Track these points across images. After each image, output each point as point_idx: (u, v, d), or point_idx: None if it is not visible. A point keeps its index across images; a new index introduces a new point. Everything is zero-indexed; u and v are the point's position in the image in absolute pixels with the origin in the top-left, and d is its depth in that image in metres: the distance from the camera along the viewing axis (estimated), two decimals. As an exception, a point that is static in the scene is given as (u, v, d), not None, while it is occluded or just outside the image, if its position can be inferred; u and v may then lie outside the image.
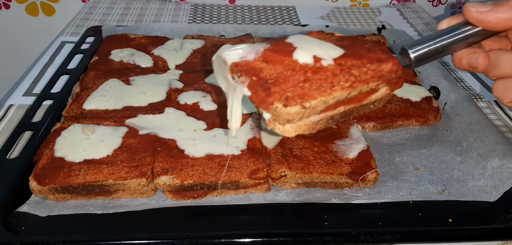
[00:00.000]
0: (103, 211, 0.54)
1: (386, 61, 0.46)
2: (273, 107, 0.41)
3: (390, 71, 0.46)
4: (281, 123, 0.42)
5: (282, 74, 0.43)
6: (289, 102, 0.41)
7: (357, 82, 0.44)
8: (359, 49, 0.48)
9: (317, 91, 0.42)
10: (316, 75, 0.43)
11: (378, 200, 0.56)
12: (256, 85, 0.42)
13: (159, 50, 0.88)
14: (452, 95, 0.76)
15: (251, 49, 0.46)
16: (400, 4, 1.38)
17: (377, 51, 0.48)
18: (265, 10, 1.31)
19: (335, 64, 0.45)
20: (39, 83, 0.83)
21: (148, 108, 0.70)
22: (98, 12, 1.22)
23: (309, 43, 0.47)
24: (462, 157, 0.65)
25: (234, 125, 0.48)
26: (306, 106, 0.41)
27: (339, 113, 0.46)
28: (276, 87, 0.41)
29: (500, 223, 0.54)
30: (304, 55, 0.45)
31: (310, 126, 0.44)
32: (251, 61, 0.44)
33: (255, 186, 0.57)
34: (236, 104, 0.46)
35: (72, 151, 0.58)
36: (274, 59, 0.45)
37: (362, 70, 0.45)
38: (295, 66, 0.44)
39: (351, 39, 0.51)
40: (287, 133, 0.43)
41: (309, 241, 0.50)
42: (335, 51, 0.46)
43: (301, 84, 0.42)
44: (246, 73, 0.43)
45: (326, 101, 0.43)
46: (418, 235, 0.52)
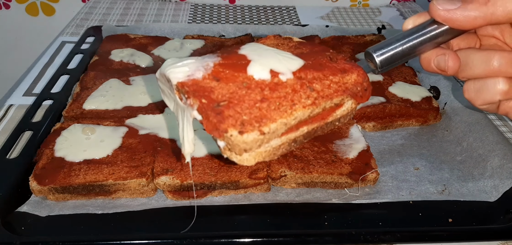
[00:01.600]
0: (103, 211, 0.54)
1: (350, 71, 0.43)
2: (228, 135, 0.36)
3: (355, 83, 0.42)
4: (237, 152, 0.37)
5: (236, 94, 0.38)
6: (246, 128, 0.36)
7: (320, 98, 0.40)
8: (320, 58, 0.44)
9: (277, 111, 0.38)
10: (274, 93, 0.39)
11: (378, 200, 0.56)
12: (206, 108, 0.37)
13: (159, 50, 0.88)
14: (452, 95, 0.76)
15: (198, 64, 0.41)
16: (400, 4, 1.38)
17: (340, 60, 0.44)
18: (265, 10, 1.31)
19: (295, 78, 0.41)
20: (39, 83, 0.83)
21: (148, 108, 0.70)
22: (98, 12, 1.22)
23: (264, 55, 0.42)
24: (462, 157, 0.65)
25: (187, 150, 0.43)
26: (265, 132, 0.36)
27: (302, 134, 0.41)
28: (230, 110, 0.37)
29: (500, 223, 0.54)
30: (260, 70, 0.40)
31: (270, 152, 0.39)
32: (199, 80, 0.39)
33: (255, 186, 0.57)
34: (187, 127, 0.41)
35: (72, 151, 0.58)
36: (226, 76, 0.40)
37: (324, 84, 0.41)
38: (250, 83, 0.39)
39: (310, 46, 0.47)
40: (245, 162, 0.38)
41: (309, 241, 0.50)
42: (294, 62, 0.42)
43: (258, 104, 0.38)
44: (195, 94, 0.38)
45: (287, 122, 0.38)
46: (418, 235, 0.52)
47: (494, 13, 0.38)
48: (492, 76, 0.41)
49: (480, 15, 0.39)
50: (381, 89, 0.77)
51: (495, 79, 0.41)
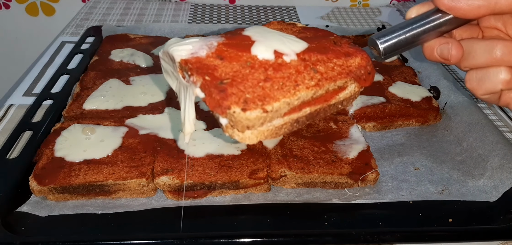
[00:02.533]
0: (103, 211, 0.53)
1: (354, 55, 0.43)
2: (231, 111, 0.36)
3: (358, 66, 0.42)
4: (240, 129, 0.37)
5: (239, 73, 0.38)
6: (249, 105, 0.36)
7: (323, 80, 0.40)
8: (324, 41, 0.44)
9: (280, 91, 0.38)
10: (278, 73, 0.39)
11: (378, 200, 0.56)
12: (210, 86, 0.37)
13: (159, 50, 0.88)
14: (452, 95, 0.76)
15: (202, 43, 0.41)
16: (400, 4, 1.38)
17: (344, 43, 0.44)
18: (265, 10, 1.31)
19: (299, 59, 0.41)
20: (39, 83, 0.83)
21: (148, 108, 0.70)
22: (98, 12, 1.22)
23: (269, 36, 0.42)
24: (462, 157, 0.65)
25: (188, 130, 0.43)
26: (268, 110, 0.37)
27: (305, 115, 0.41)
28: (233, 88, 0.37)
29: (500, 223, 0.54)
30: (264, 50, 0.40)
31: (273, 131, 0.39)
32: (203, 58, 0.39)
33: (255, 186, 0.57)
34: (189, 106, 0.41)
35: (72, 151, 0.58)
36: (229, 55, 0.40)
37: (328, 66, 0.41)
38: (254, 63, 0.39)
39: (314, 31, 0.47)
40: (247, 140, 0.38)
41: (309, 241, 0.50)
42: (298, 44, 0.42)
43: (261, 83, 0.38)
44: (198, 71, 0.38)
45: (290, 102, 0.38)
46: (418, 235, 0.52)
47: (498, 2, 0.38)
48: (494, 65, 0.41)
49: (484, 4, 0.39)
50: (381, 89, 0.77)
51: (498, 68, 0.41)
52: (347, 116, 0.70)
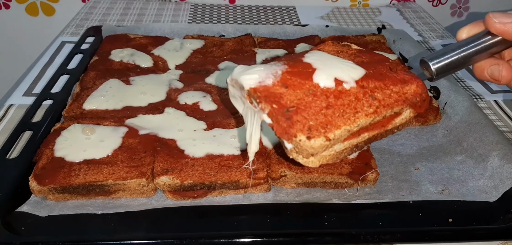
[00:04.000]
0: (103, 211, 0.53)
1: (410, 82, 0.44)
2: (297, 139, 0.38)
3: (414, 93, 0.44)
4: (305, 156, 0.40)
5: (303, 100, 0.41)
6: (313, 133, 0.38)
7: (381, 107, 0.42)
8: (380, 68, 0.45)
9: (341, 118, 0.40)
10: (338, 100, 0.41)
11: (378, 200, 0.56)
12: (277, 113, 0.40)
13: (159, 50, 0.88)
14: (452, 95, 0.76)
15: (268, 72, 0.43)
16: (400, 4, 1.38)
17: (400, 70, 0.45)
18: (265, 10, 1.31)
19: (358, 86, 0.43)
20: (39, 83, 0.83)
21: (148, 108, 0.70)
22: (98, 12, 1.22)
23: (328, 63, 0.44)
24: (462, 157, 0.65)
25: (253, 150, 0.46)
26: (330, 138, 0.39)
27: (363, 140, 0.43)
28: (298, 116, 0.39)
29: (500, 223, 0.54)
30: (325, 78, 0.42)
31: (334, 156, 0.42)
32: (270, 86, 0.42)
33: (255, 186, 0.57)
34: (256, 129, 0.44)
35: (72, 151, 0.58)
36: (293, 83, 0.42)
37: (385, 93, 0.43)
38: (316, 91, 0.42)
39: (370, 55, 0.48)
40: (311, 164, 0.41)
41: (309, 241, 0.50)
42: (356, 71, 0.44)
43: (323, 110, 0.40)
44: (266, 100, 0.41)
45: (350, 129, 0.40)
46: (418, 235, 0.52)
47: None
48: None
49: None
50: (381, 89, 0.77)
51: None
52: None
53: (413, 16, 1.28)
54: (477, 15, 1.48)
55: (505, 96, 0.85)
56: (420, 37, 1.13)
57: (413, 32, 1.16)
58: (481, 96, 0.85)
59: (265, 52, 0.89)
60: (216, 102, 0.72)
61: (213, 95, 0.74)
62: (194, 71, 0.83)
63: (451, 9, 1.47)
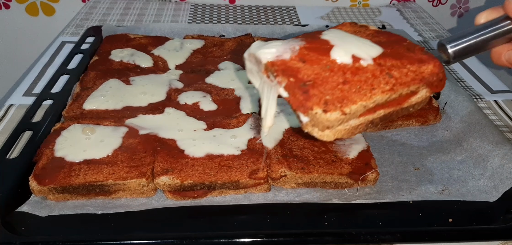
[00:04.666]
0: (103, 211, 0.53)
1: (427, 62, 0.44)
2: (313, 112, 0.39)
3: (431, 73, 0.44)
4: (320, 129, 0.40)
5: (320, 75, 0.41)
6: (329, 107, 0.39)
7: (397, 85, 0.42)
8: (397, 47, 0.46)
9: (357, 94, 0.40)
10: (355, 77, 0.41)
11: (378, 200, 0.56)
12: (294, 87, 0.40)
13: (159, 50, 0.88)
14: (452, 95, 0.76)
15: (286, 47, 0.44)
16: (400, 4, 1.38)
17: (417, 50, 0.45)
18: (265, 10, 1.31)
19: (375, 64, 0.43)
20: (39, 83, 0.83)
21: (148, 108, 0.70)
22: (98, 12, 1.22)
23: (346, 40, 0.45)
24: (462, 157, 0.65)
25: (268, 124, 0.47)
26: (346, 112, 0.40)
27: (379, 117, 0.44)
28: (315, 90, 0.40)
29: (500, 223, 0.54)
30: (343, 54, 0.42)
31: (349, 130, 0.42)
32: (287, 60, 0.42)
33: (255, 186, 0.57)
34: (272, 103, 0.44)
35: (72, 151, 0.58)
36: (311, 58, 0.42)
37: (402, 72, 0.43)
38: (333, 66, 0.42)
39: (387, 35, 0.48)
40: (325, 137, 0.41)
41: (309, 241, 0.50)
42: (374, 49, 0.44)
43: (340, 86, 0.40)
44: (283, 73, 0.41)
45: (366, 105, 0.41)
46: (418, 235, 0.52)
47: None
48: None
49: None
50: (381, 89, 0.77)
51: None
52: (347, 116, 0.70)
53: (413, 16, 1.28)
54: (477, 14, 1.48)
55: (505, 96, 0.85)
56: (420, 37, 1.13)
57: (413, 32, 1.16)
58: (481, 96, 0.85)
59: (265, 52, 0.89)
60: (216, 102, 0.72)
61: (213, 95, 0.74)
62: (194, 71, 0.83)
63: (451, 9, 1.47)
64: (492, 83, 0.90)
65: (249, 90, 0.75)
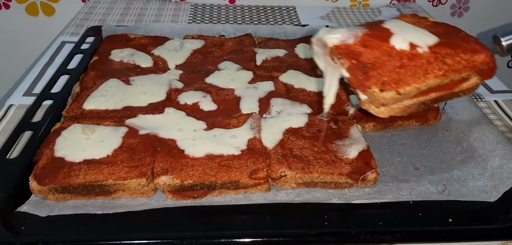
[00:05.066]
0: (103, 211, 0.54)
1: (479, 52, 0.48)
2: (371, 91, 0.44)
3: (482, 62, 0.48)
4: (376, 106, 0.46)
5: (379, 59, 0.46)
6: (385, 87, 0.44)
7: (450, 71, 0.46)
8: (453, 37, 0.49)
9: (412, 77, 0.45)
10: (411, 62, 0.46)
11: (378, 200, 0.56)
12: (355, 68, 0.45)
13: (159, 50, 0.88)
14: (452, 95, 0.76)
15: (350, 33, 0.48)
16: (400, 4, 1.38)
17: (471, 40, 0.48)
18: (265, 10, 1.31)
19: (430, 52, 0.47)
20: (39, 83, 0.83)
21: (148, 108, 0.70)
22: (98, 12, 1.22)
23: (406, 29, 0.49)
24: (462, 157, 0.65)
25: (329, 101, 0.52)
26: (401, 92, 0.44)
27: (430, 99, 0.48)
28: (374, 72, 0.45)
29: (500, 223, 0.54)
30: (401, 41, 0.47)
31: (402, 109, 0.47)
32: (350, 45, 0.47)
33: (255, 186, 0.57)
34: (334, 82, 0.50)
35: (72, 151, 0.58)
36: (372, 44, 0.47)
37: (455, 59, 0.47)
38: (392, 52, 0.47)
39: (445, 26, 0.51)
40: (381, 114, 0.46)
41: (309, 241, 0.50)
42: (430, 38, 0.48)
43: (396, 69, 0.45)
44: (346, 56, 0.46)
45: (419, 87, 0.45)
46: (418, 235, 0.52)
47: None
48: None
49: None
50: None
51: None
52: (347, 116, 0.70)
53: (413, 16, 1.28)
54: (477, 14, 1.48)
55: (505, 96, 0.85)
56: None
57: (413, 32, 1.16)
58: (481, 96, 0.85)
59: (265, 52, 0.89)
60: (216, 102, 0.72)
61: (213, 95, 0.74)
62: (194, 71, 0.83)
63: (451, 9, 1.47)
64: (492, 83, 0.90)
65: (249, 90, 0.75)
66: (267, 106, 0.71)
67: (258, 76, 0.81)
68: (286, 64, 0.86)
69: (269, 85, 0.77)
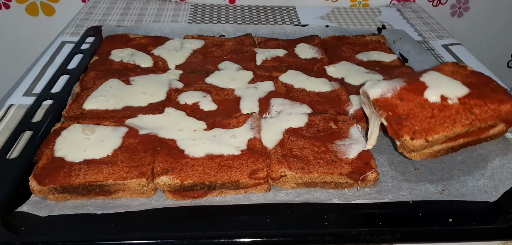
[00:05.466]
0: (103, 211, 0.53)
1: (506, 102, 0.53)
2: (403, 139, 0.51)
3: (508, 111, 0.53)
4: (407, 151, 0.52)
5: (412, 110, 0.52)
6: (416, 136, 0.50)
7: (476, 120, 0.52)
8: (483, 88, 0.55)
9: (441, 126, 0.51)
10: (441, 113, 0.52)
11: (378, 200, 0.56)
12: (391, 119, 0.52)
13: (159, 50, 0.88)
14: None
15: (389, 87, 0.55)
16: (400, 4, 1.38)
17: (500, 91, 0.54)
18: (265, 10, 1.31)
19: (460, 103, 0.53)
20: (39, 83, 0.83)
21: (148, 108, 0.70)
22: (98, 12, 1.22)
23: (439, 83, 0.55)
24: (462, 157, 0.65)
25: (371, 143, 0.59)
26: (429, 140, 0.50)
27: (458, 144, 0.54)
28: (407, 122, 0.51)
29: (500, 223, 0.54)
30: (433, 95, 0.53)
31: (432, 153, 0.53)
32: (388, 98, 0.54)
33: (255, 186, 0.57)
34: (376, 128, 0.58)
35: (72, 151, 0.58)
36: (407, 97, 0.54)
37: (483, 109, 0.53)
38: (424, 104, 0.53)
39: (479, 77, 0.58)
40: (413, 157, 0.53)
41: (309, 241, 0.50)
42: (461, 91, 0.54)
43: (427, 119, 0.51)
44: (384, 108, 0.53)
45: (447, 135, 0.51)
46: (418, 235, 0.52)
47: None
48: None
49: None
50: (381, 89, 0.77)
51: None
52: (347, 116, 0.70)
53: (413, 16, 1.28)
54: (477, 14, 1.48)
55: (505, 96, 0.85)
56: (420, 37, 1.13)
57: (413, 32, 1.16)
58: (481, 96, 0.85)
59: (265, 52, 0.89)
60: (216, 102, 0.72)
61: (213, 95, 0.74)
62: (194, 71, 0.83)
63: (451, 9, 1.47)
64: (492, 83, 0.90)
65: (249, 90, 0.75)
66: (267, 106, 0.71)
67: (258, 76, 0.81)
68: (286, 64, 0.86)
69: (269, 85, 0.77)
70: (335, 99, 0.74)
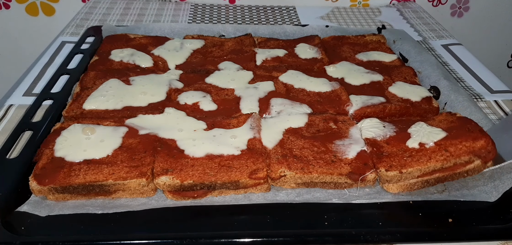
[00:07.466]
0: (103, 211, 0.53)
1: (479, 138, 0.57)
2: (379, 170, 0.56)
3: (481, 147, 0.57)
4: (383, 182, 0.57)
5: (394, 152, 0.58)
6: (391, 168, 0.56)
7: (451, 157, 0.56)
8: (460, 130, 0.60)
9: (416, 162, 0.56)
10: (418, 153, 0.57)
11: (378, 200, 0.56)
12: (373, 153, 0.59)
13: (159, 50, 0.88)
14: (452, 95, 0.76)
15: (381, 134, 0.62)
16: (400, 4, 1.38)
17: (477, 131, 0.59)
18: (265, 10, 1.31)
19: (436, 145, 0.58)
20: (39, 83, 0.83)
21: (148, 108, 0.70)
22: (98, 12, 1.22)
23: (420, 133, 0.61)
24: (462, 157, 0.65)
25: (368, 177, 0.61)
26: (403, 172, 0.55)
27: (434, 178, 0.57)
28: (388, 159, 0.57)
29: (500, 223, 0.54)
30: (412, 143, 0.59)
31: (408, 186, 0.57)
32: (377, 141, 0.61)
33: (255, 186, 0.57)
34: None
35: (72, 151, 0.58)
36: (392, 142, 0.61)
37: (457, 147, 0.57)
38: (406, 148, 0.59)
39: (462, 121, 0.62)
40: (389, 189, 0.57)
41: (309, 241, 0.50)
42: (438, 136, 0.60)
43: (405, 158, 0.57)
44: (371, 145, 0.60)
45: (421, 169, 0.56)
46: (418, 235, 0.52)
47: None
48: None
49: None
50: (381, 89, 0.77)
51: None
52: (347, 116, 0.70)
53: (413, 16, 1.28)
54: (477, 14, 1.48)
55: (505, 96, 0.85)
56: (420, 37, 1.13)
57: (413, 32, 1.16)
58: (481, 96, 0.85)
59: (265, 52, 0.89)
60: (216, 102, 0.72)
61: (213, 95, 0.74)
62: (194, 71, 0.83)
63: (451, 9, 1.47)
64: (492, 83, 0.90)
65: (249, 90, 0.75)
66: (267, 106, 0.71)
67: (258, 76, 0.81)
68: (286, 64, 0.86)
69: (269, 85, 0.77)
70: (335, 99, 0.74)
